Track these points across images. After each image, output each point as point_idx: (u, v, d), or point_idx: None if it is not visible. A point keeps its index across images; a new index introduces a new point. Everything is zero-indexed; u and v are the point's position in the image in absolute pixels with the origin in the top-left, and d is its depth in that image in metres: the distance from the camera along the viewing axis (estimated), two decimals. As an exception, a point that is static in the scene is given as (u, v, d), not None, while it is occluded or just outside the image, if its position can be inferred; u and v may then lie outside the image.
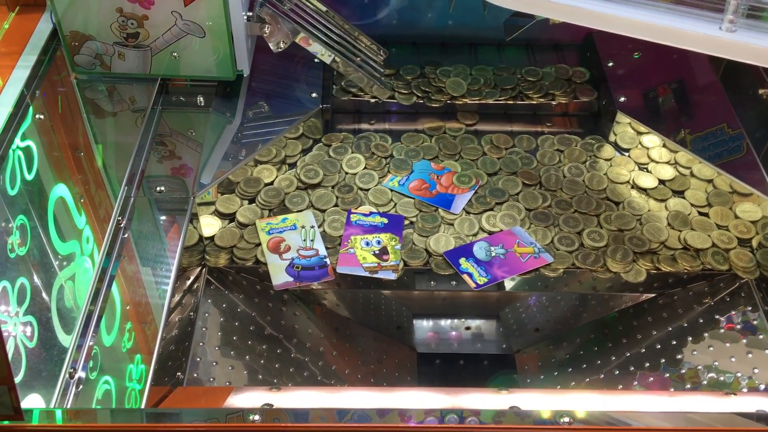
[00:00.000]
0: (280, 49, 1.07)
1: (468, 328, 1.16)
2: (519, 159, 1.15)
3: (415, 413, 0.70)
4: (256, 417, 0.67)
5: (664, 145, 1.16)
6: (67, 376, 0.77)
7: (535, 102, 1.23)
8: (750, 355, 0.98)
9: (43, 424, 0.67)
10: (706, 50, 0.83)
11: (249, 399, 0.81)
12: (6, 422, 0.63)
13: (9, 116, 0.99)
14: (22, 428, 0.64)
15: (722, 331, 1.01)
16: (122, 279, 0.89)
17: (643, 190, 1.12)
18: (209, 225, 1.04)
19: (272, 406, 0.78)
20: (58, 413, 0.71)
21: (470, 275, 0.99)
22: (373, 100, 1.21)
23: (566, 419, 0.68)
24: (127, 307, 0.87)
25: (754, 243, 1.05)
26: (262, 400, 0.80)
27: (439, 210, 1.07)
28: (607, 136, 1.20)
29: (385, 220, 1.05)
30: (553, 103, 1.23)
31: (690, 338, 1.02)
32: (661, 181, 1.13)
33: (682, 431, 0.69)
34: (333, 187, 1.10)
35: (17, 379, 0.70)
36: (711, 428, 0.70)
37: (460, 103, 1.22)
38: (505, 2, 0.94)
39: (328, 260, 1.00)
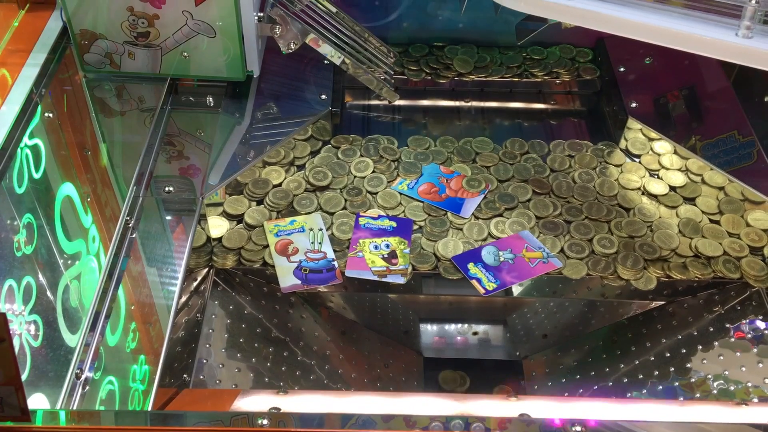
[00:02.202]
0: (290, 50, 1.07)
1: (475, 334, 1.15)
2: (532, 167, 1.14)
3: (420, 419, 0.69)
4: (265, 421, 0.67)
5: (675, 152, 1.15)
6: (74, 376, 0.76)
7: (539, 80, 1.26)
8: (760, 365, 0.97)
9: (48, 425, 0.66)
10: (721, 56, 0.82)
11: (256, 402, 0.81)
12: (10, 423, 0.63)
13: (18, 114, 0.99)
14: (27, 429, 0.63)
15: (733, 339, 1.00)
16: (130, 279, 0.88)
17: (654, 197, 1.11)
18: (217, 226, 1.04)
19: (280, 409, 0.77)
20: (62, 414, 0.70)
21: (479, 281, 0.98)
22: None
23: (578, 428, 0.67)
24: (133, 308, 0.87)
25: (766, 251, 1.04)
26: (269, 403, 0.80)
27: (448, 214, 1.07)
28: (618, 142, 1.19)
29: (394, 224, 1.05)
30: (557, 81, 1.26)
31: (700, 347, 1.01)
32: (672, 188, 1.12)
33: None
34: (341, 189, 1.10)
35: (22, 378, 0.69)
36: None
37: (467, 79, 1.25)
38: (518, 5, 0.93)
39: (335, 263, 0.99)
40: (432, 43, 1.30)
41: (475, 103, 1.26)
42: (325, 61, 1.15)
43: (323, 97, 1.18)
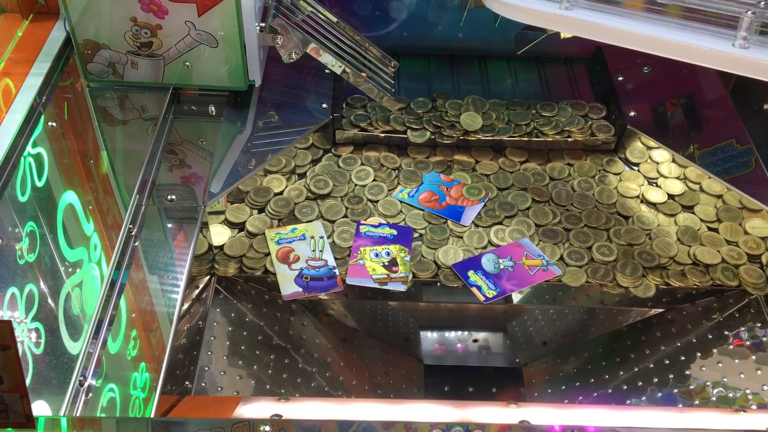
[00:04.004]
0: (291, 60, 1.08)
1: (475, 341, 1.16)
2: (531, 175, 1.15)
3: (420, 426, 0.70)
4: (266, 428, 0.67)
5: (674, 160, 1.16)
6: (77, 384, 0.77)
7: (550, 139, 1.18)
8: (759, 372, 0.97)
9: (51, 432, 0.67)
10: (719, 66, 0.83)
11: (257, 409, 0.81)
12: (11, 429, 0.63)
13: (21, 123, 0.99)
14: (30, 436, 0.64)
15: (731, 347, 1.01)
16: (132, 287, 0.89)
17: (653, 205, 1.12)
18: (219, 234, 1.04)
19: (281, 416, 0.78)
20: (64, 421, 0.71)
21: (479, 288, 0.99)
22: (382, 135, 1.19)
23: (577, 435, 0.67)
24: (135, 315, 0.87)
25: (764, 259, 1.04)
26: (270, 410, 0.80)
27: (449, 222, 1.07)
28: (617, 151, 1.20)
29: (395, 232, 1.05)
30: (569, 140, 1.19)
31: (699, 354, 1.02)
32: (671, 196, 1.13)
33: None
34: (342, 197, 1.10)
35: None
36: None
37: (474, 139, 1.18)
38: (516, 16, 0.94)
39: (337, 271, 1.00)
40: (434, 94, 1.23)
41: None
42: (326, 71, 1.16)
43: (324, 105, 1.19)
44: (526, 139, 1.18)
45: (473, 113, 1.19)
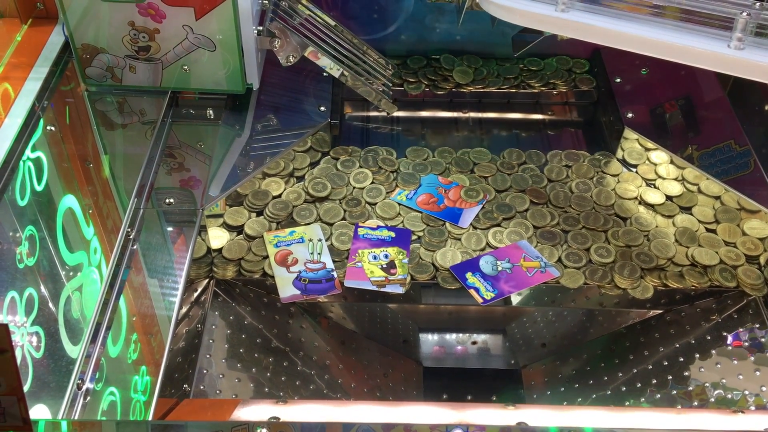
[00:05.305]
0: (289, 63, 1.08)
1: (474, 343, 1.16)
2: (529, 177, 1.15)
3: (420, 428, 0.70)
4: (264, 430, 0.67)
5: (672, 162, 1.16)
6: (75, 387, 0.77)
7: (536, 90, 1.27)
8: (758, 373, 0.98)
9: (50, 435, 0.67)
10: (714, 67, 0.83)
11: (256, 412, 0.81)
12: (13, 433, 0.63)
13: (20, 128, 1.00)
14: (29, 439, 0.64)
15: (730, 348, 1.01)
16: (131, 290, 0.89)
17: (651, 206, 1.12)
18: (217, 237, 1.04)
19: (279, 419, 0.78)
20: (64, 425, 0.71)
21: (477, 290, 0.99)
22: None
23: (574, 436, 0.68)
24: (134, 318, 0.87)
25: (762, 260, 1.04)
26: (269, 413, 0.80)
27: (447, 224, 1.08)
28: (615, 152, 1.20)
29: (393, 234, 1.05)
30: (554, 92, 1.27)
31: (697, 355, 1.02)
32: (669, 197, 1.13)
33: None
34: (341, 200, 1.11)
35: (24, 389, 0.70)
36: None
37: (465, 91, 1.27)
38: (514, 18, 0.94)
39: (335, 273, 1.00)
40: (430, 56, 1.31)
41: (473, 114, 1.27)
42: (324, 74, 1.16)
43: (322, 108, 1.19)
44: (513, 90, 1.27)
45: (465, 68, 1.29)
